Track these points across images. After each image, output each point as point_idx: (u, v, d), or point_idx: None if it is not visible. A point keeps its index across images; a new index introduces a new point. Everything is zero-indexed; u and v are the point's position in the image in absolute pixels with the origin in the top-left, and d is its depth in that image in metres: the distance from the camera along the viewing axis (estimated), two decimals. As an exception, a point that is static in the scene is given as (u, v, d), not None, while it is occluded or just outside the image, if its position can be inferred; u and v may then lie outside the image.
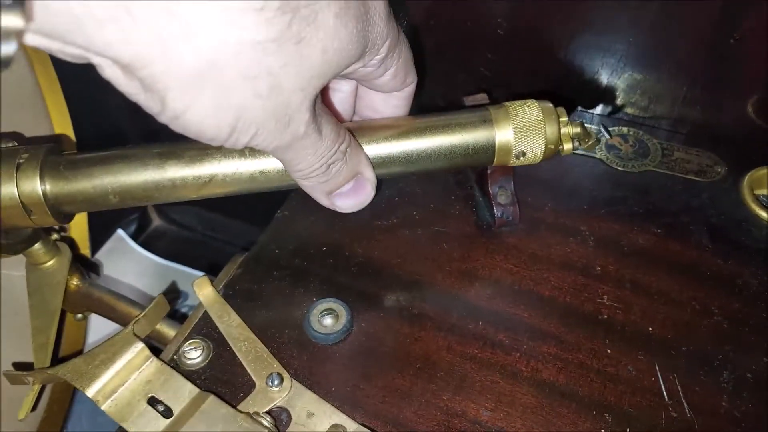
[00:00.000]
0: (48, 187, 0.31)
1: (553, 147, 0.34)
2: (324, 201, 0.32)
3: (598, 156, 0.42)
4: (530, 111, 0.33)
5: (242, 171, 0.31)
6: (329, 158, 0.29)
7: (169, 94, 0.23)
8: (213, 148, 0.31)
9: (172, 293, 0.42)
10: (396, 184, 0.41)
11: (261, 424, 0.28)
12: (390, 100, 0.33)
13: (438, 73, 0.46)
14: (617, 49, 0.42)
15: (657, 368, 0.31)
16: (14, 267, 0.45)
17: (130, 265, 0.63)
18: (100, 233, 0.57)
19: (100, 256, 0.63)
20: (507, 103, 0.34)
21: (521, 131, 0.33)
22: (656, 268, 0.36)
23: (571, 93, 0.45)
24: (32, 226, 0.32)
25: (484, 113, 0.33)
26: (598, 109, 0.46)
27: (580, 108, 0.46)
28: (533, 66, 0.39)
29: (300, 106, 0.25)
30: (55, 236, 0.37)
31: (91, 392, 0.29)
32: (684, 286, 0.35)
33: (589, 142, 0.34)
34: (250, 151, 0.31)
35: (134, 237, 0.67)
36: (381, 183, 0.33)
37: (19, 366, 0.40)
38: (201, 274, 0.60)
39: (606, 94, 0.45)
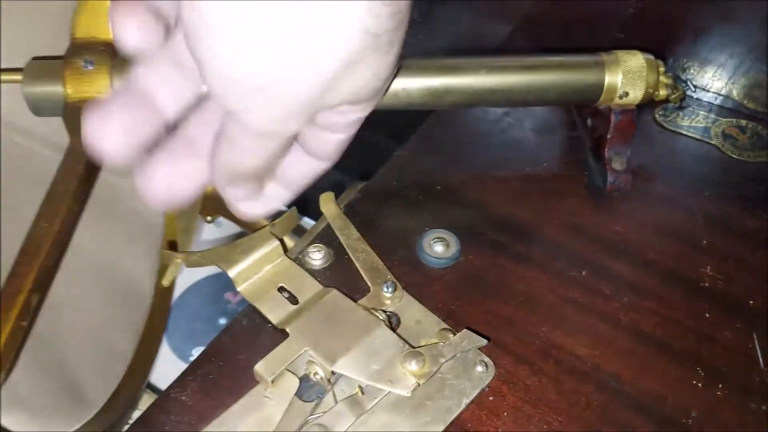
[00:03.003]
0: None
1: (651, 91, 0.38)
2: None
3: (713, 142, 0.43)
4: (636, 59, 0.38)
5: None
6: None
7: None
8: None
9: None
10: (510, 140, 0.43)
11: (377, 317, 0.31)
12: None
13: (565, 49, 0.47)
14: (749, 41, 0.43)
15: (755, 337, 0.32)
16: (122, 176, 0.50)
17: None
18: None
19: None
20: (616, 51, 0.38)
21: (627, 74, 0.37)
22: (763, 251, 0.36)
23: (692, 79, 0.46)
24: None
25: (597, 57, 0.38)
26: (718, 101, 0.46)
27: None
28: (660, 47, 0.41)
29: None
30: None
31: (232, 273, 0.33)
32: (790, 271, 0.35)
33: (677, 93, 0.39)
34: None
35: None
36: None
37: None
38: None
39: (728, 84, 0.45)
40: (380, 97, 0.26)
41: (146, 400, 0.51)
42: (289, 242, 0.42)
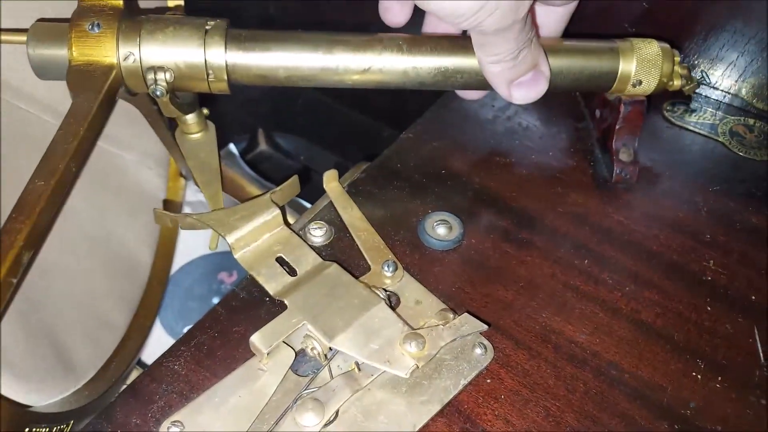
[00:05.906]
0: (229, 54, 0.34)
1: (665, 80, 0.38)
2: (504, 90, 0.35)
3: (720, 139, 0.43)
4: (651, 47, 0.37)
5: (398, 65, 0.34)
6: (522, 44, 0.32)
7: None
8: (375, 40, 0.34)
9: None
10: (517, 127, 0.43)
11: (378, 295, 0.30)
12: (551, 14, 0.37)
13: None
14: (763, 39, 0.43)
15: (756, 332, 0.32)
16: (125, 148, 0.49)
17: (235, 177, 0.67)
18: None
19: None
20: (632, 39, 0.38)
21: (642, 63, 0.37)
22: (766, 247, 0.36)
23: (701, 75, 0.46)
24: (205, 91, 0.35)
25: (612, 44, 0.38)
26: (726, 99, 0.46)
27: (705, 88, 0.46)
28: (670, 43, 0.40)
29: None
30: (206, 111, 0.40)
31: (230, 239, 0.32)
32: (793, 269, 0.35)
33: (691, 85, 0.38)
34: (407, 46, 0.34)
35: (241, 156, 0.71)
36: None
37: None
38: (297, 199, 0.63)
39: (737, 83, 0.45)
40: None
41: (135, 376, 0.50)
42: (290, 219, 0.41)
